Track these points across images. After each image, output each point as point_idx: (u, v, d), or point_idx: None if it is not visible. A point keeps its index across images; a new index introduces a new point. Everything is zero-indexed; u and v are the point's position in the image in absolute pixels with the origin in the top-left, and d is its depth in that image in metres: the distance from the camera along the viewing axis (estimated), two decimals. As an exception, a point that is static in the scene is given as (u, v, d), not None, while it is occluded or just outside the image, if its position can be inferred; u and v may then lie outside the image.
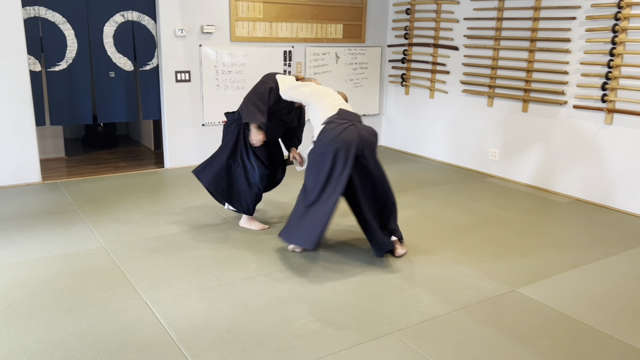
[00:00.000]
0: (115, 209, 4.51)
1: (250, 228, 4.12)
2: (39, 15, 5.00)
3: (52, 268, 3.37)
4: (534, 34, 5.27)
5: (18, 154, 5.06)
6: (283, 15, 6.15)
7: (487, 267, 3.54)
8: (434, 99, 6.51)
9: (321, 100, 3.68)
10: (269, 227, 4.16)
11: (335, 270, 3.42)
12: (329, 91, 3.76)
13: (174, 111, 5.76)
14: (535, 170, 5.44)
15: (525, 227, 4.31)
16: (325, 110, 3.62)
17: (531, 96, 5.37)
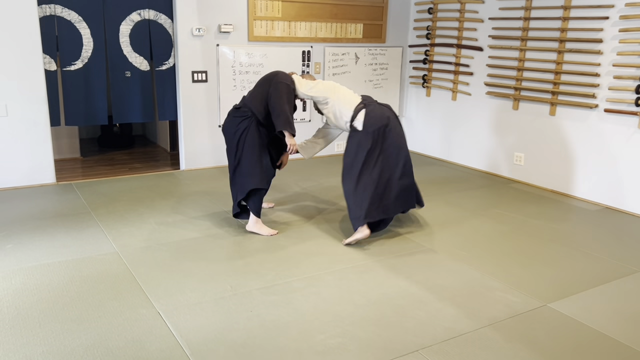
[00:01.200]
0: (129, 212, 4.40)
1: (260, 233, 3.98)
2: (55, 13, 4.92)
3: (64, 274, 3.26)
4: (564, 35, 5.06)
5: (32, 155, 4.99)
6: (302, 14, 6.01)
7: (515, 279, 3.36)
8: (456, 101, 6.32)
9: (338, 93, 3.96)
10: (278, 232, 4.02)
11: (355, 281, 3.27)
12: (333, 83, 4.06)
13: (190, 112, 5.65)
14: (563, 176, 5.23)
15: (553, 235, 4.12)
16: (351, 99, 3.97)
17: (559, 99, 5.16)
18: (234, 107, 3.97)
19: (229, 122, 3.94)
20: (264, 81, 3.93)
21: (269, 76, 3.93)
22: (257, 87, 3.93)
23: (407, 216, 4.46)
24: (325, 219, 4.34)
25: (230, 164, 3.98)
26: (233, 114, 3.93)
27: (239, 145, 3.89)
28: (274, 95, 3.78)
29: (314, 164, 6.17)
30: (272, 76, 3.90)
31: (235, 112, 3.91)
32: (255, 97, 3.89)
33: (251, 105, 3.87)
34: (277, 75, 3.88)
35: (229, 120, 3.94)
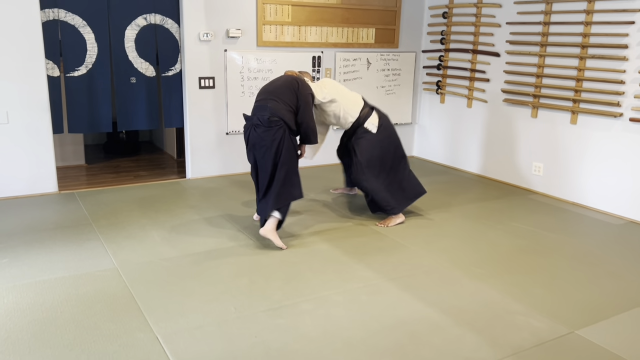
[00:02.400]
0: (131, 224, 4.24)
1: (274, 241, 3.82)
2: (59, 18, 4.79)
3: (59, 292, 3.10)
4: (586, 40, 4.83)
5: (34, 163, 4.84)
6: (312, 19, 5.84)
7: (537, 301, 3.14)
8: (472, 108, 6.11)
9: (342, 93, 4.28)
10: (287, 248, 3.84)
11: (367, 303, 3.07)
12: (332, 82, 4.33)
13: (197, 119, 5.49)
14: (584, 187, 4.99)
15: (576, 252, 3.89)
16: (355, 99, 4.33)
17: (581, 107, 4.93)
18: (267, 119, 3.74)
19: (263, 133, 3.73)
20: (286, 89, 3.86)
21: (291, 85, 3.89)
22: (281, 95, 3.83)
23: (421, 228, 4.26)
24: (334, 232, 4.15)
25: (264, 175, 3.82)
26: (267, 125, 3.73)
27: (278, 155, 3.76)
28: (306, 109, 3.90)
29: (318, 174, 5.97)
30: (295, 85, 3.90)
31: (269, 123, 3.73)
32: (283, 107, 3.80)
33: (282, 115, 3.76)
34: (301, 85, 3.93)
35: (264, 131, 3.73)
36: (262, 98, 3.88)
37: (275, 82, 3.98)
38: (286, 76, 4.03)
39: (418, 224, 4.40)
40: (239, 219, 4.41)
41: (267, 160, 3.77)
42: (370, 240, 4.02)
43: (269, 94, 3.87)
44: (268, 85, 3.98)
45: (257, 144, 3.78)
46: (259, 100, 3.89)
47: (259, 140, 3.75)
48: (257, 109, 3.84)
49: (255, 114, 3.83)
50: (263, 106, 3.80)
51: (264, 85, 4.01)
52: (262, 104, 3.82)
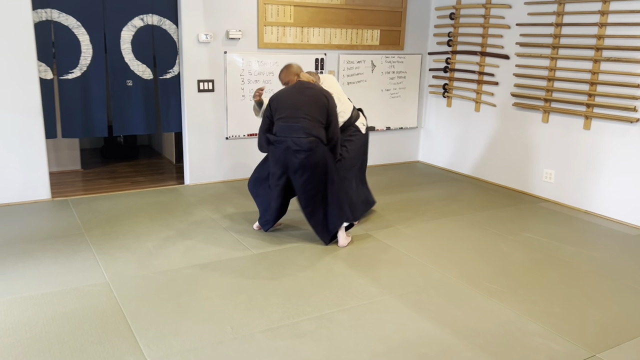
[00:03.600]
0: (125, 233, 4.05)
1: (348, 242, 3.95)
2: (51, 18, 4.61)
3: (46, 309, 2.91)
4: (600, 42, 4.63)
5: (26, 169, 4.66)
6: (315, 20, 5.65)
7: (555, 320, 2.94)
8: (480, 112, 5.91)
9: (341, 93, 4.19)
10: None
11: (373, 322, 2.87)
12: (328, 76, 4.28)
13: (196, 123, 5.30)
14: (598, 195, 4.79)
15: (592, 265, 3.69)
16: (346, 98, 4.22)
17: (595, 112, 4.73)
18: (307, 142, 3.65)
19: (306, 159, 3.66)
20: (315, 106, 3.73)
21: (320, 100, 3.75)
22: (311, 112, 3.70)
23: (428, 238, 4.06)
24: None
25: (310, 198, 3.75)
26: (308, 149, 3.65)
27: (327, 176, 3.74)
28: (337, 125, 3.83)
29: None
30: (325, 101, 3.77)
31: (309, 147, 3.65)
32: (317, 125, 3.71)
33: (317, 134, 3.70)
34: (330, 100, 3.79)
35: (306, 157, 3.66)
36: (290, 115, 3.69)
37: (298, 95, 3.76)
38: (310, 89, 3.80)
39: (425, 233, 4.21)
40: (238, 228, 4.22)
41: (313, 184, 3.72)
42: (375, 252, 3.83)
43: (296, 110, 3.69)
44: (288, 97, 3.76)
45: (299, 170, 3.69)
46: (286, 117, 3.70)
47: (301, 166, 3.67)
48: (289, 129, 3.67)
49: (287, 135, 3.67)
50: (295, 126, 3.65)
51: (282, 96, 3.79)
52: (292, 124, 3.66)
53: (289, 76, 3.92)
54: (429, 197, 5.24)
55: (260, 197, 4.04)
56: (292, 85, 3.87)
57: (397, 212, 4.72)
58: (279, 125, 3.72)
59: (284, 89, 3.87)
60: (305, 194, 3.75)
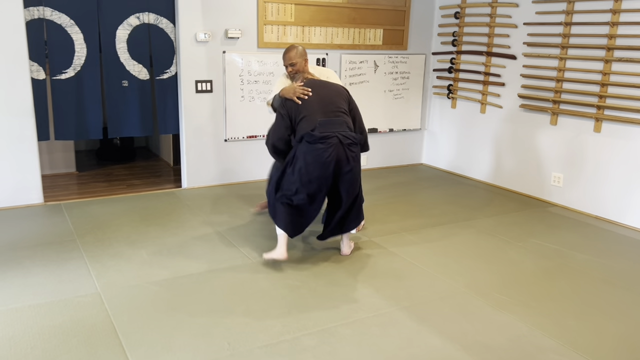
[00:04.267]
0: (119, 240, 3.90)
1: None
2: (44, 16, 4.45)
3: (32, 323, 2.75)
4: (612, 42, 4.48)
5: (17, 173, 4.50)
6: (317, 18, 5.50)
7: (570, 334, 2.79)
8: (485, 113, 5.75)
9: None
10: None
11: (378, 337, 2.72)
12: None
13: (194, 125, 5.14)
14: (609, 200, 4.63)
15: (606, 275, 3.53)
16: None
17: (605, 114, 4.58)
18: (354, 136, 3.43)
19: (356, 153, 3.44)
20: (342, 99, 3.51)
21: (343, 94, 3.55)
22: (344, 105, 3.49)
23: (434, 246, 3.90)
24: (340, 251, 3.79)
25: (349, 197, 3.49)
26: (356, 142, 3.44)
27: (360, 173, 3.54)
28: (362, 118, 3.67)
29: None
30: (346, 93, 3.58)
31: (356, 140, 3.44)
32: (350, 120, 3.51)
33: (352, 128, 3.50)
34: (346, 90, 3.62)
35: (357, 150, 3.46)
36: (325, 110, 3.40)
37: (323, 88, 3.51)
38: (328, 82, 3.62)
39: (430, 240, 4.05)
40: (237, 234, 4.07)
41: (358, 180, 3.51)
42: (379, 260, 3.67)
43: (330, 104, 3.43)
44: (317, 91, 3.46)
45: (351, 165, 3.39)
46: (322, 112, 3.38)
47: (353, 161, 3.41)
48: (331, 124, 3.36)
49: (331, 130, 3.34)
50: (336, 120, 3.39)
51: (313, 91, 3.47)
52: (332, 118, 3.39)
53: (296, 58, 3.71)
54: (433, 201, 5.08)
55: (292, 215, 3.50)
56: (310, 80, 3.58)
57: (401, 217, 4.57)
58: (319, 121, 3.34)
59: (305, 83, 3.55)
60: (350, 190, 3.46)
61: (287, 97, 3.49)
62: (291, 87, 3.50)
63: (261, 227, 4.22)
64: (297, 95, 3.44)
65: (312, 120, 3.36)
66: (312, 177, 3.33)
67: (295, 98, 3.43)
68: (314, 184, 3.35)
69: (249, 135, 5.42)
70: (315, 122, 3.35)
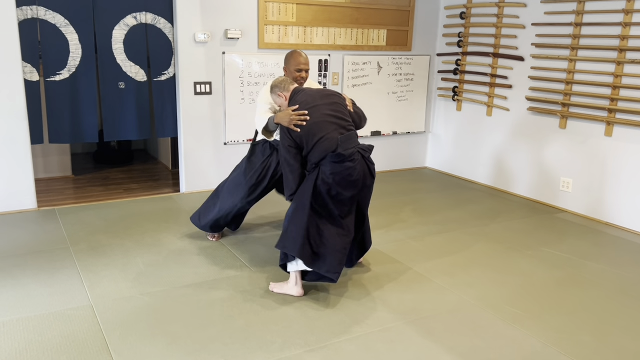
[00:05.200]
0: (114, 248, 3.75)
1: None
2: (37, 16, 4.32)
3: (20, 337, 2.61)
4: (624, 43, 4.33)
5: (9, 177, 4.37)
6: (319, 19, 5.36)
7: (586, 351, 2.64)
8: (491, 116, 5.61)
9: None
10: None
11: (385, 353, 2.57)
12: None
13: (192, 128, 5.00)
14: (620, 206, 4.49)
15: (621, 285, 3.39)
16: None
17: (617, 117, 4.43)
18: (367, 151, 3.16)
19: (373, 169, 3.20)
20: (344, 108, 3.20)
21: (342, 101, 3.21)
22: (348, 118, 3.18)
23: (441, 254, 3.76)
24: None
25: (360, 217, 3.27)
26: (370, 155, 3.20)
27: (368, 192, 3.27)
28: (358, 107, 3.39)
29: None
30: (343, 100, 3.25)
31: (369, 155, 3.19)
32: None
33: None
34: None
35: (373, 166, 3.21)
36: (339, 124, 3.07)
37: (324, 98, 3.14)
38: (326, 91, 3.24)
39: (436, 248, 3.91)
40: (235, 242, 3.93)
41: (370, 194, 3.28)
42: (384, 269, 3.53)
43: (340, 120, 3.10)
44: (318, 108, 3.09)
45: (371, 178, 3.17)
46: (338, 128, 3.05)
47: (374, 172, 3.19)
48: (349, 139, 3.05)
49: (350, 146, 3.05)
50: (351, 135, 3.09)
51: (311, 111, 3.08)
52: (347, 132, 3.08)
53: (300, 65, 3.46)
54: (438, 206, 4.94)
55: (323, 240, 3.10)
56: (304, 94, 3.17)
57: (405, 224, 4.42)
58: (339, 138, 3.02)
59: (299, 99, 3.15)
60: (366, 204, 3.29)
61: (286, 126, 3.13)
62: (285, 114, 3.12)
63: (261, 236, 4.08)
64: (294, 123, 3.06)
65: (332, 140, 3.01)
66: (345, 197, 3.06)
67: (292, 126, 3.06)
68: (346, 206, 3.09)
69: (248, 139, 5.28)
70: (336, 141, 3.01)
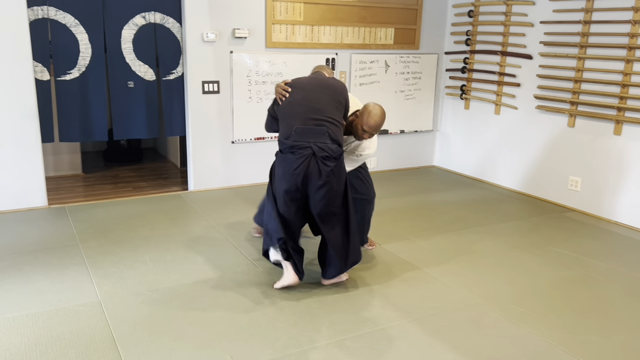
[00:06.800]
0: (122, 245, 3.80)
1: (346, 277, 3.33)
2: (48, 16, 4.37)
3: (29, 333, 2.65)
4: (633, 41, 4.30)
5: (21, 175, 4.43)
6: (326, 17, 5.37)
7: (593, 352, 2.63)
8: (500, 115, 5.59)
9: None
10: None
11: (388, 352, 2.58)
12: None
13: (201, 127, 5.04)
14: (630, 206, 4.45)
15: (630, 286, 3.37)
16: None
17: (626, 116, 4.40)
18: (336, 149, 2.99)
19: (335, 168, 2.99)
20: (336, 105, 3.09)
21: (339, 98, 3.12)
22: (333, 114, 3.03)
23: (447, 253, 3.76)
24: (351, 258, 3.66)
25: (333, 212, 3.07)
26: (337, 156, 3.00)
27: (347, 196, 3.10)
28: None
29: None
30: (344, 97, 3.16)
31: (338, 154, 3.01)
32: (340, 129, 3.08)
33: (341, 140, 3.04)
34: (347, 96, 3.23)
35: (336, 166, 3.00)
36: (309, 116, 2.97)
37: (317, 91, 3.06)
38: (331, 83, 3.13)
39: (443, 247, 3.91)
40: (243, 240, 3.95)
41: (336, 200, 3.04)
42: (390, 267, 3.54)
43: (317, 111, 2.99)
44: (305, 92, 3.05)
45: (324, 181, 2.95)
46: (304, 118, 2.97)
47: (327, 177, 2.95)
48: (310, 133, 2.95)
49: (308, 139, 2.95)
50: (318, 130, 2.95)
51: (296, 90, 3.06)
52: (313, 126, 2.96)
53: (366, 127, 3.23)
54: (446, 205, 4.93)
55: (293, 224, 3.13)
56: (307, 78, 3.17)
57: (412, 222, 4.42)
58: (295, 128, 2.97)
59: (298, 80, 3.15)
60: (326, 212, 3.05)
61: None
62: (277, 84, 3.15)
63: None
64: (277, 94, 3.09)
65: (289, 127, 3.00)
66: (280, 191, 3.03)
67: (278, 97, 3.10)
68: (281, 199, 3.04)
69: (256, 137, 5.31)
70: (292, 129, 2.98)
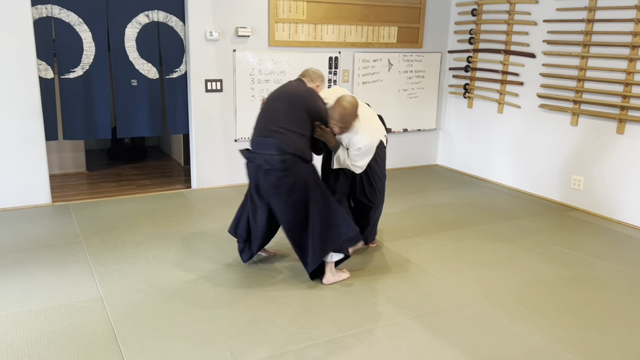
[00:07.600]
0: (125, 242, 3.82)
1: (341, 279, 3.31)
2: (52, 15, 4.40)
3: (31, 329, 2.68)
4: (636, 40, 4.29)
5: (25, 173, 4.46)
6: (329, 16, 5.37)
7: (593, 350, 2.63)
8: (503, 113, 5.58)
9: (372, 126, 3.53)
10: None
11: (388, 349, 2.59)
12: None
13: (203, 125, 5.06)
14: (632, 205, 4.44)
15: (630, 284, 3.36)
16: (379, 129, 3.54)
17: (630, 115, 4.39)
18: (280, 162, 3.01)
19: (279, 181, 3.04)
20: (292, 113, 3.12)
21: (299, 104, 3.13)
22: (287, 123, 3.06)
23: (448, 251, 3.76)
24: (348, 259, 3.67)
25: (293, 227, 3.13)
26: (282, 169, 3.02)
27: (306, 201, 3.08)
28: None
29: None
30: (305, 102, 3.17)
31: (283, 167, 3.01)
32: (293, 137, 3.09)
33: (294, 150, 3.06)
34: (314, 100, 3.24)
35: (279, 178, 3.04)
36: (262, 127, 3.10)
37: (276, 101, 3.15)
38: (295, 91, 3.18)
39: (445, 245, 3.91)
40: (245, 237, 3.96)
41: (291, 211, 3.09)
42: (391, 265, 3.54)
43: (269, 122, 3.08)
44: (267, 103, 3.19)
45: (274, 194, 3.06)
46: (259, 131, 3.11)
47: (275, 189, 3.04)
48: (259, 144, 3.07)
49: (258, 151, 3.07)
50: (266, 141, 3.04)
51: (266, 103, 3.21)
52: (263, 137, 3.06)
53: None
54: (448, 204, 4.93)
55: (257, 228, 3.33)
56: (278, 88, 3.27)
57: (414, 221, 4.43)
58: (252, 139, 3.17)
59: (273, 91, 3.28)
60: (285, 221, 3.15)
61: None
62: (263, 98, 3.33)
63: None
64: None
65: (252, 138, 3.19)
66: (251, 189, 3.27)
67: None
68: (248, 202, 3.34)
69: (259, 136, 5.32)
70: (253, 140, 3.17)
